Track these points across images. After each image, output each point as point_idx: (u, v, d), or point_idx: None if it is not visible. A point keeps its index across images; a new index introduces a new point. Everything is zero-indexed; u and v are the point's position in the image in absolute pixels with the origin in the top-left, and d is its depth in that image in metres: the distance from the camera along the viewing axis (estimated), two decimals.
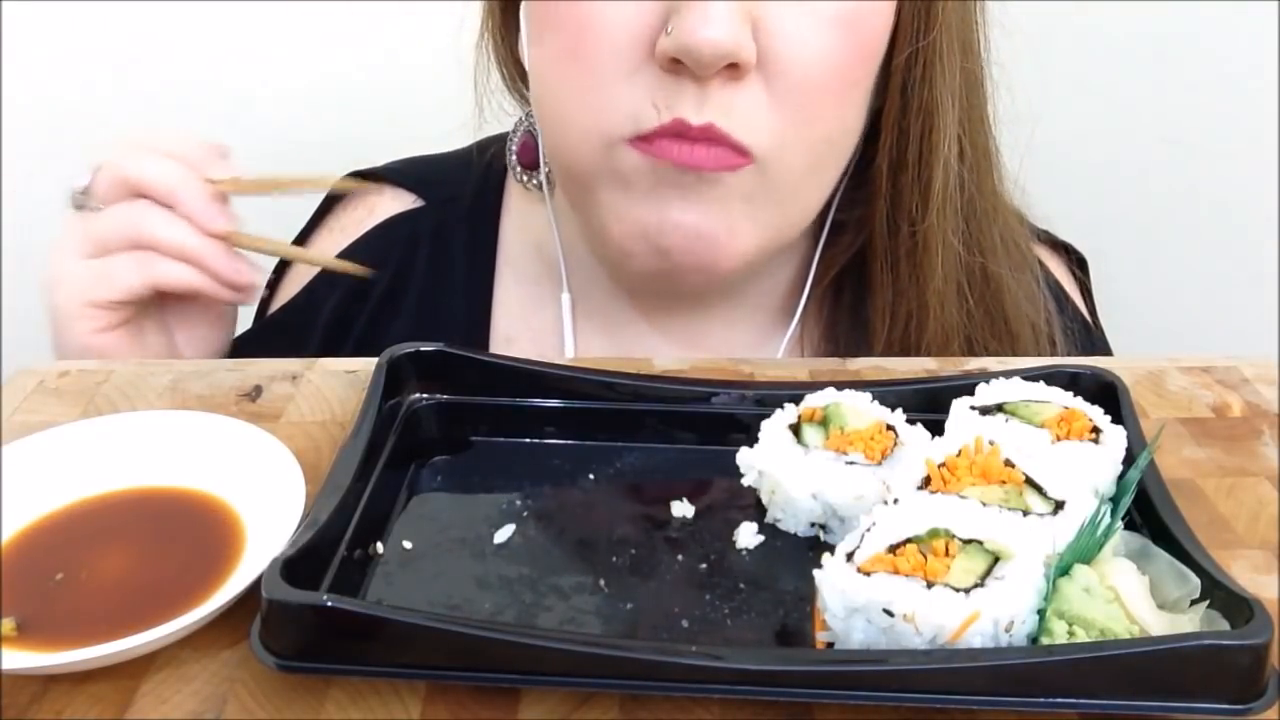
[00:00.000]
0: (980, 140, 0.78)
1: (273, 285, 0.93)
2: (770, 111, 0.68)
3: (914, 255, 0.77)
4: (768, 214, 0.72)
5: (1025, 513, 0.50)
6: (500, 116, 0.88)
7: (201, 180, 0.74)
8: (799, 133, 0.69)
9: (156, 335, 0.80)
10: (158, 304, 0.79)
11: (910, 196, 0.76)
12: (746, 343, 0.84)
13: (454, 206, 0.90)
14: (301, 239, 0.93)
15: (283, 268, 0.94)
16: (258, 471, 0.57)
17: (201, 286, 0.74)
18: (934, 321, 0.77)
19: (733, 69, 0.66)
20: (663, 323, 0.83)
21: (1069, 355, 0.83)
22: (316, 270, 0.90)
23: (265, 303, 0.93)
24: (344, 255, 0.89)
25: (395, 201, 0.91)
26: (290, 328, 0.90)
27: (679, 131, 0.67)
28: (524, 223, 0.88)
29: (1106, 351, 0.91)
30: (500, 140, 0.90)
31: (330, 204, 0.94)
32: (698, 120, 0.67)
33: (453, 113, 0.86)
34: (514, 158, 0.88)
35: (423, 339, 0.85)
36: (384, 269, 0.88)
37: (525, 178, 0.87)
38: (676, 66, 0.66)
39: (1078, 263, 0.93)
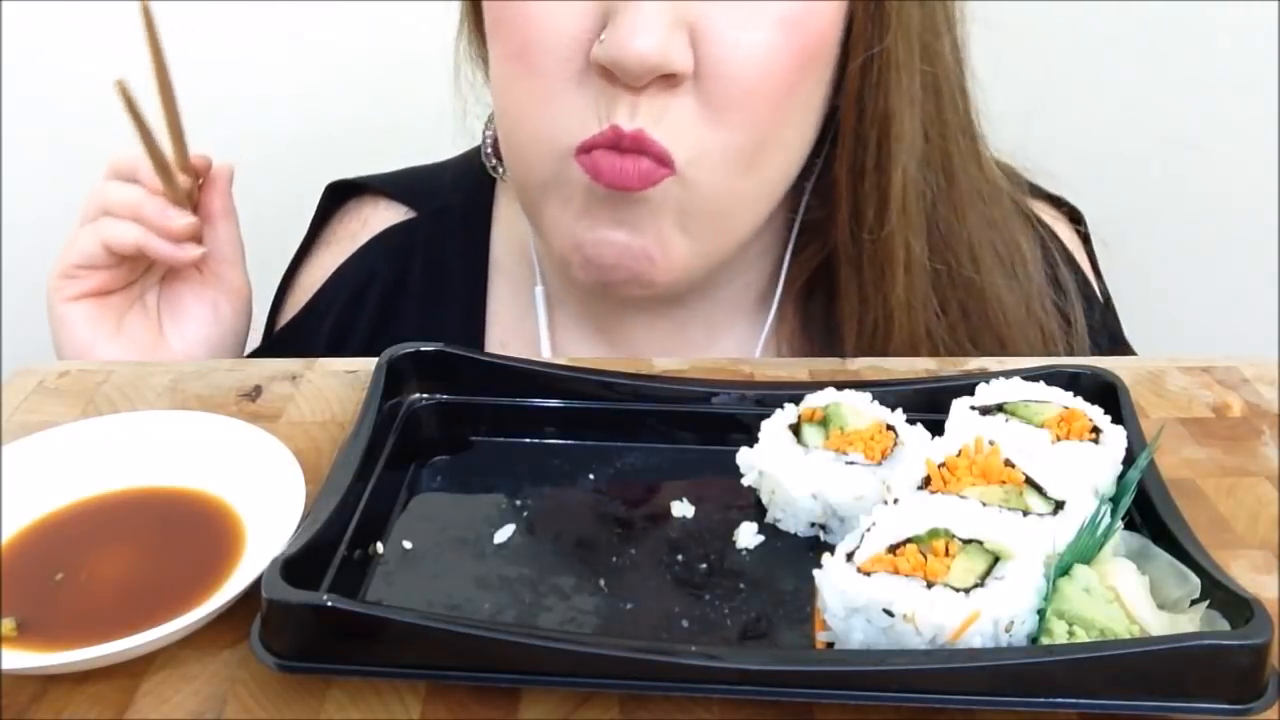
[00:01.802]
0: (948, 145, 0.77)
1: (277, 306, 0.94)
2: (702, 120, 0.68)
3: (876, 262, 0.76)
4: (700, 227, 0.71)
5: (1025, 513, 0.50)
6: (483, 113, 0.88)
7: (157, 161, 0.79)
8: (730, 139, 0.69)
9: (140, 320, 0.82)
10: (142, 288, 0.83)
11: (869, 203, 0.75)
12: (724, 343, 0.84)
13: (446, 217, 0.90)
14: (302, 252, 0.94)
15: (283, 291, 0.94)
16: (258, 471, 0.57)
17: (142, 240, 0.78)
18: (899, 329, 0.77)
19: (668, 78, 0.66)
20: (640, 321, 0.83)
21: (1085, 336, 0.82)
22: (316, 286, 0.91)
23: (272, 323, 0.94)
24: (342, 268, 0.90)
25: (389, 213, 0.92)
26: (293, 345, 0.90)
27: (613, 142, 0.67)
28: (512, 234, 0.88)
29: (1116, 323, 0.90)
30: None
31: (325, 215, 0.94)
32: (630, 127, 0.67)
33: (440, 110, 0.87)
34: (489, 149, 0.88)
35: None
36: (380, 281, 0.89)
37: (500, 170, 0.87)
38: (611, 76, 0.66)
39: (1073, 218, 0.92)
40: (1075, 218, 0.93)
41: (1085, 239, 0.92)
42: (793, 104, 0.71)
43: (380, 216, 0.92)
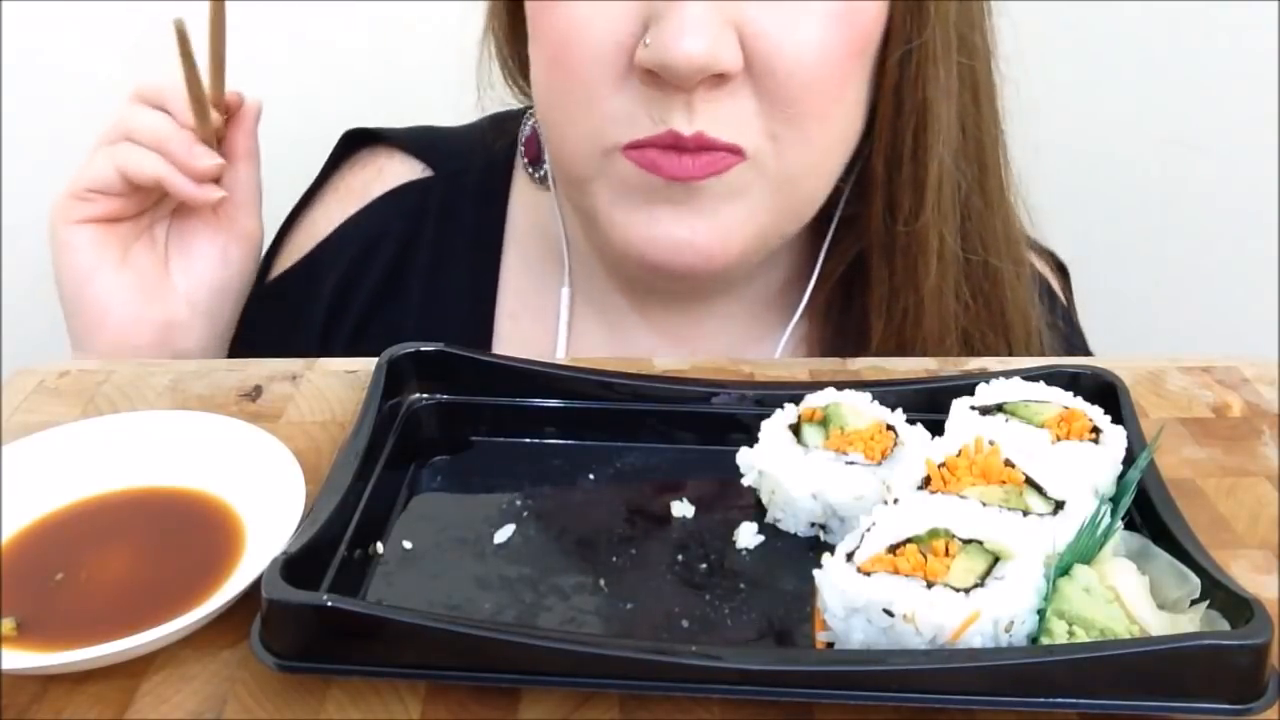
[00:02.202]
0: (982, 137, 0.77)
1: (273, 252, 0.92)
2: (761, 114, 0.68)
3: (909, 252, 0.76)
4: (763, 208, 0.71)
5: (1025, 513, 0.50)
6: (500, 109, 0.88)
7: (195, 96, 0.77)
8: (794, 131, 0.69)
9: (146, 253, 0.80)
10: (151, 220, 0.81)
11: (904, 194, 0.75)
12: (745, 337, 0.84)
13: (462, 180, 0.89)
14: (309, 196, 0.92)
15: (284, 234, 0.93)
16: (258, 471, 0.57)
17: (163, 173, 0.76)
18: (929, 317, 0.77)
19: (718, 77, 0.66)
20: (661, 316, 0.83)
21: (1054, 350, 0.84)
22: (318, 238, 0.89)
23: (265, 270, 0.92)
24: (352, 221, 0.89)
25: (404, 167, 0.90)
26: (291, 296, 0.89)
27: (672, 143, 0.67)
28: (530, 205, 0.88)
29: (1085, 350, 0.91)
30: (512, 117, 0.89)
31: (336, 162, 0.93)
32: (689, 130, 0.66)
33: (454, 105, 0.86)
34: (521, 149, 0.88)
35: (427, 313, 0.85)
36: (389, 241, 0.87)
37: (531, 170, 0.87)
38: (657, 80, 0.66)
39: (1059, 269, 0.94)
40: (1062, 270, 0.94)
41: (1066, 289, 0.94)
42: (848, 93, 0.71)
43: (395, 170, 0.90)
